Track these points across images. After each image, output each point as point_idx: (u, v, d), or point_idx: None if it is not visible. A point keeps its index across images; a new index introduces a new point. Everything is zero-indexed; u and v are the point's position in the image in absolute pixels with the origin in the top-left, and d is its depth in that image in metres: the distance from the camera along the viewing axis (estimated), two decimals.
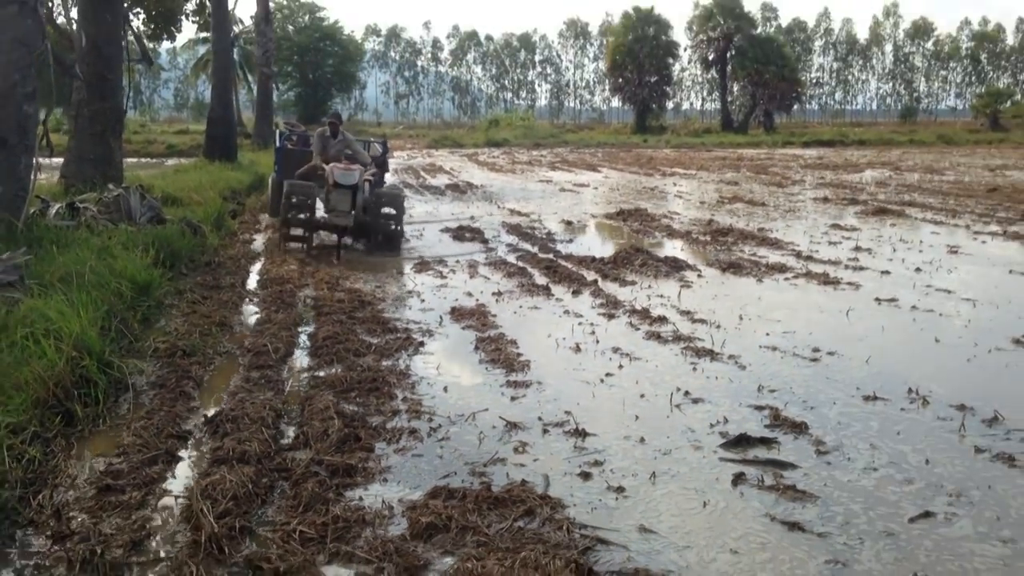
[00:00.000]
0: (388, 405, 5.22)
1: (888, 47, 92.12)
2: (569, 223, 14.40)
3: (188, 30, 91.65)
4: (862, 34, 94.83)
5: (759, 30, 72.09)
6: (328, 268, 9.86)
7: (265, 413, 4.92)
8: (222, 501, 3.76)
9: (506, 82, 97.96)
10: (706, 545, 3.53)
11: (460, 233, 12.91)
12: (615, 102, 77.71)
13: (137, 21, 26.87)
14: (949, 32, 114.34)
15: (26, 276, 6.83)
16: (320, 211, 11.16)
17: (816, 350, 6.44)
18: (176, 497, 3.97)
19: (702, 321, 7.34)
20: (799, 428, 4.81)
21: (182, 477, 4.22)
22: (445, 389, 5.58)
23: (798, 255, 10.76)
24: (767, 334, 6.93)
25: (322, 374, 5.83)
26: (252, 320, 7.51)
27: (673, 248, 11.64)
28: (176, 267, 9.18)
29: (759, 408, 5.15)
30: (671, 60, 70.60)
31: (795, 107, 72.81)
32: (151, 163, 23.82)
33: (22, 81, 8.38)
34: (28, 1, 8.39)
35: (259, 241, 12.49)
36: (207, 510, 3.64)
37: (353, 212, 10.74)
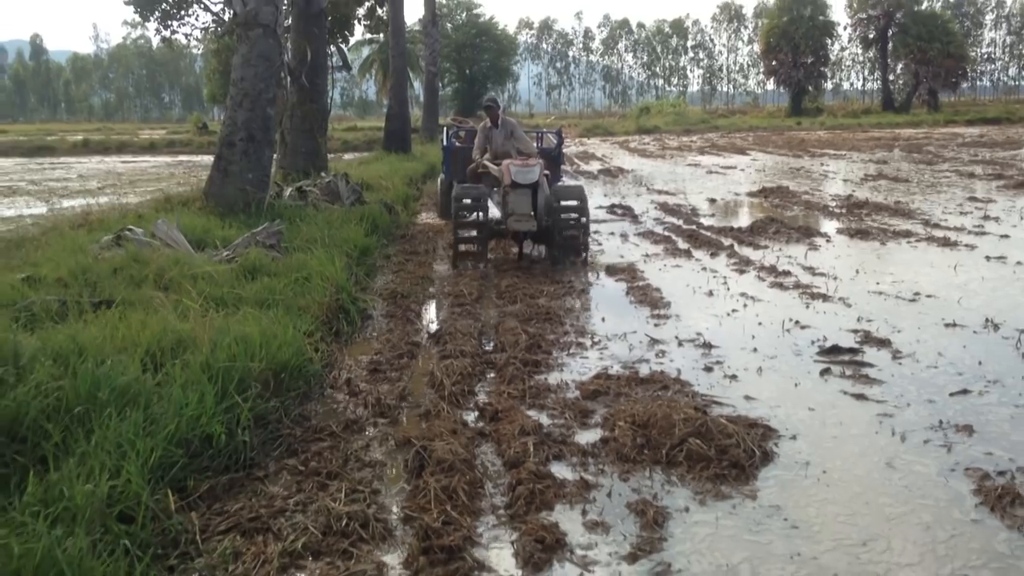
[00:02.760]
0: (559, 328, 6.89)
1: None
2: (713, 200, 15.66)
3: (355, 32, 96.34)
4: None
5: (923, 6, 69.42)
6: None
7: (471, 331, 6.71)
8: (453, 376, 5.54)
9: (657, 69, 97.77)
10: (792, 406, 4.99)
11: (612, 210, 14.46)
12: (770, 85, 76.74)
13: None
14: None
15: (282, 240, 8.94)
16: (493, 214, 9.81)
17: (916, 293, 7.64)
18: (422, 376, 5.79)
19: (822, 275, 8.62)
20: (883, 343, 6.13)
21: (422, 366, 6.03)
22: (603, 319, 7.19)
23: (926, 223, 11.68)
24: (877, 283, 8.15)
25: (507, 309, 7.56)
26: (447, 276, 9.37)
27: (807, 219, 12.76)
28: (379, 238, 11.23)
29: (854, 331, 6.48)
30: (828, 40, 69.26)
31: (963, 85, 69.49)
32: (331, 157, 26.44)
33: (266, 89, 10.60)
34: (270, 24, 10.59)
35: (438, 220, 14.47)
36: (446, 380, 5.43)
37: (535, 214, 9.49)
